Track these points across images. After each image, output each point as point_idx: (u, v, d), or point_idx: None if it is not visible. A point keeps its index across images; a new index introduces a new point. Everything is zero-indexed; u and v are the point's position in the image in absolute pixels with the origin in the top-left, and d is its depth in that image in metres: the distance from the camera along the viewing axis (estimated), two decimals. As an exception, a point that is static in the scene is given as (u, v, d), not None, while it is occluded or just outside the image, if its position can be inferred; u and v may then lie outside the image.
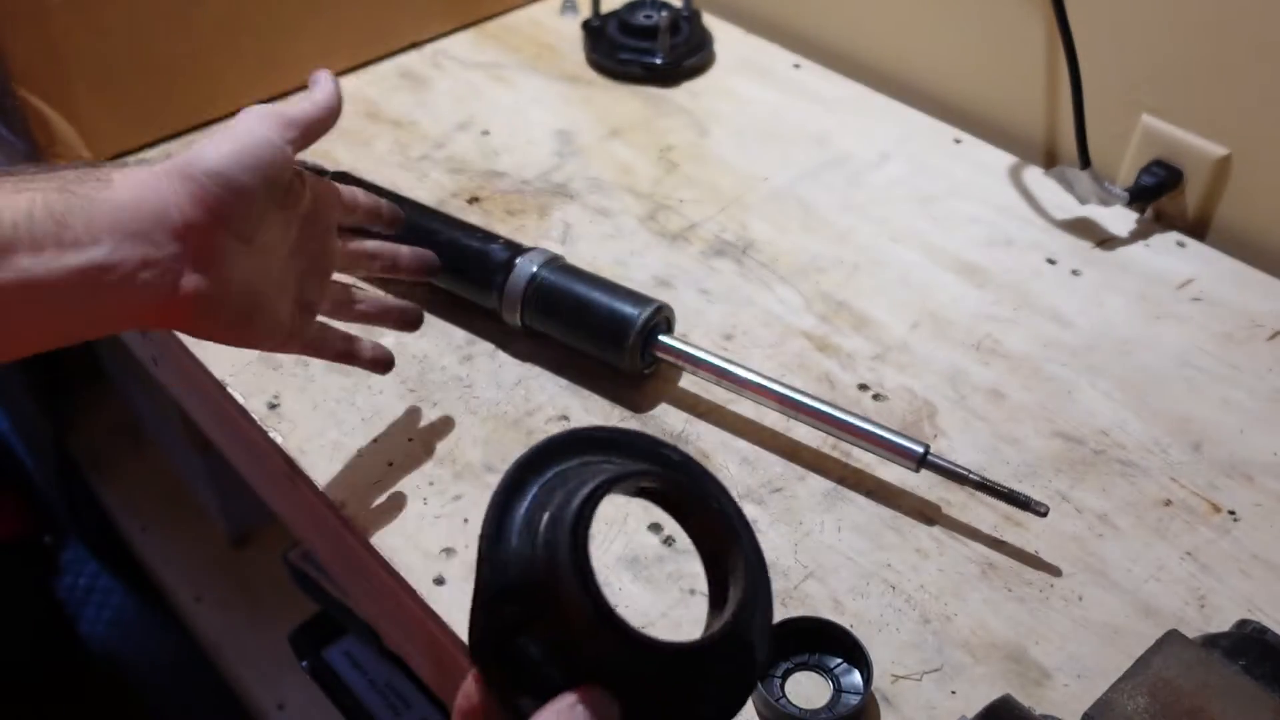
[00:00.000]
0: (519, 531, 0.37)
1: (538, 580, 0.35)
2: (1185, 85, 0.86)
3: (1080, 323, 0.80)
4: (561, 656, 0.36)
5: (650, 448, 0.41)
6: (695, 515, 0.39)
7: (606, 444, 0.40)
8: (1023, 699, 0.54)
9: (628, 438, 0.41)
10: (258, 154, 0.55)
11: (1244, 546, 0.65)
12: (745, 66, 1.07)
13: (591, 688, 0.35)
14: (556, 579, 0.35)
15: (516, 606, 0.36)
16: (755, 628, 0.39)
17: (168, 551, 1.43)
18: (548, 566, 0.35)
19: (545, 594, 0.35)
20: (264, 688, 1.26)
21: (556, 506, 0.36)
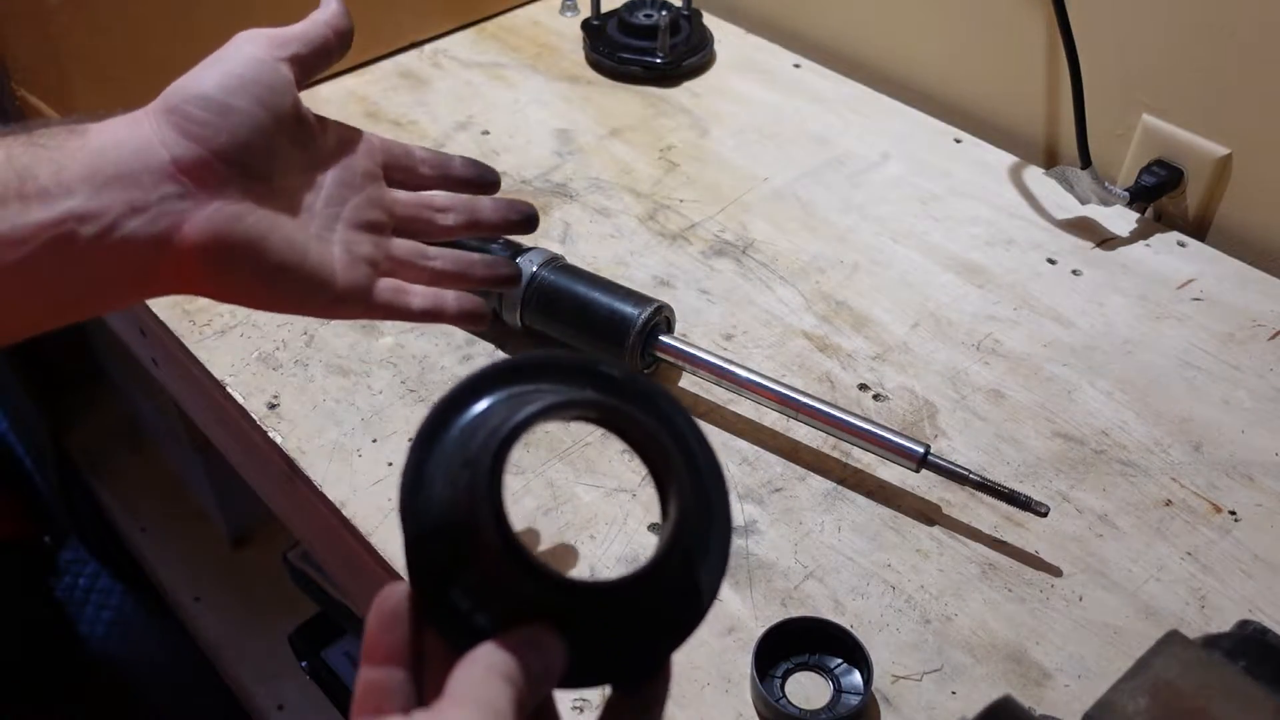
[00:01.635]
0: (441, 475, 0.35)
1: (460, 525, 0.34)
2: (1185, 85, 0.86)
3: (1081, 323, 0.80)
4: (491, 600, 0.34)
5: (585, 368, 0.37)
6: (632, 435, 0.37)
7: (537, 370, 0.37)
8: (1023, 699, 0.54)
9: (559, 361, 0.37)
10: (248, 74, 0.48)
11: (1245, 547, 0.65)
12: (745, 66, 1.07)
13: (523, 627, 0.34)
14: (476, 522, 0.33)
15: (442, 554, 0.34)
16: (709, 547, 0.37)
17: (167, 552, 1.42)
18: (468, 510, 0.33)
19: (468, 538, 0.34)
20: (263, 688, 1.26)
21: (478, 446, 0.34)
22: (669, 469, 0.36)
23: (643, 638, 0.36)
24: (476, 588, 0.34)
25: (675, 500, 0.35)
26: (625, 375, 0.38)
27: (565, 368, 0.37)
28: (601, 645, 0.35)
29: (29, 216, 0.42)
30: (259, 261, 0.48)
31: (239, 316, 0.79)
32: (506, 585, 0.34)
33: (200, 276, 0.47)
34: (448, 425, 0.36)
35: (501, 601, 0.34)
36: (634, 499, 0.67)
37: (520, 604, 0.34)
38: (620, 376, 0.38)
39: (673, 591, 0.36)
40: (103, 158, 0.44)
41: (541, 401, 0.34)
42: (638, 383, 0.38)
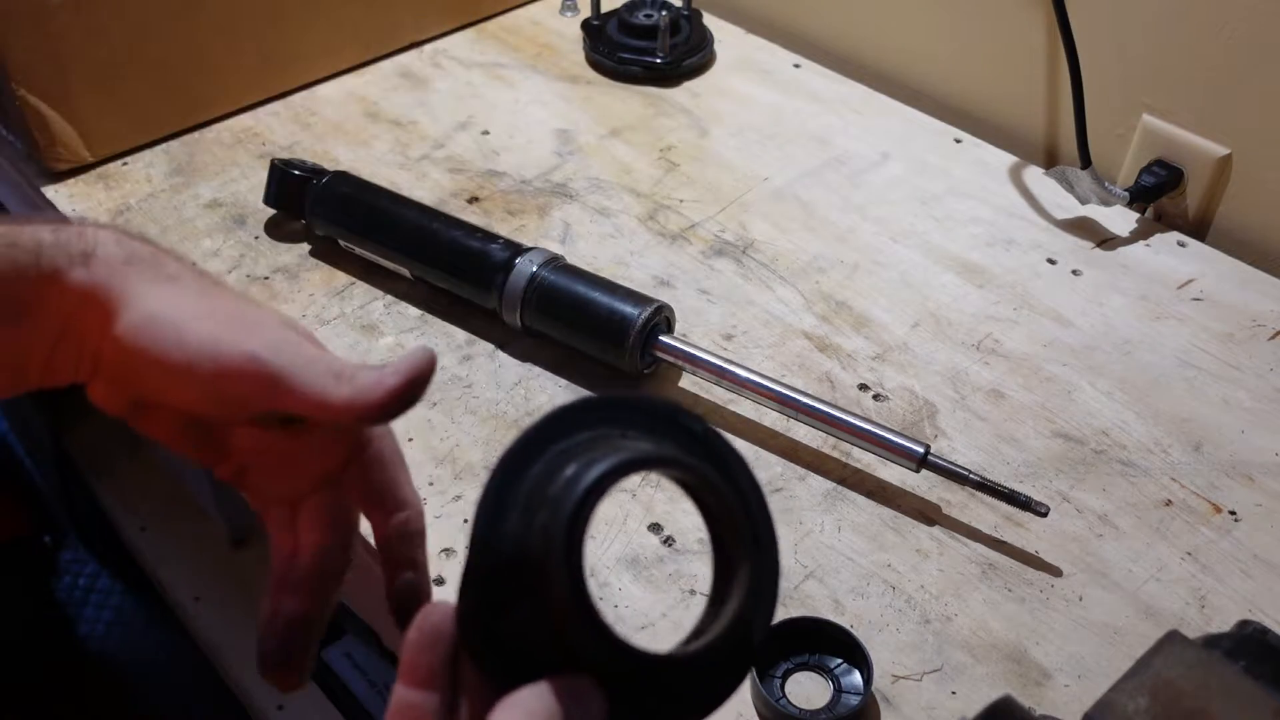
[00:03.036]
0: (519, 510, 0.34)
1: (530, 565, 0.34)
2: (1185, 85, 0.86)
3: (1081, 323, 0.80)
4: (542, 645, 0.34)
5: (670, 417, 0.37)
6: (710, 506, 0.37)
7: (623, 413, 0.37)
8: (1023, 699, 0.54)
9: (646, 406, 0.37)
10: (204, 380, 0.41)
11: (1245, 547, 0.65)
12: (745, 66, 1.07)
13: (569, 677, 0.33)
14: (547, 568, 0.33)
15: (505, 587, 0.34)
16: (757, 616, 0.37)
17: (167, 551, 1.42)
18: (541, 553, 0.33)
19: (534, 580, 0.34)
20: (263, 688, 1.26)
21: (559, 487, 0.34)
22: (740, 548, 0.36)
23: (681, 705, 0.36)
24: (529, 628, 0.34)
25: (743, 581, 0.35)
26: (705, 430, 0.38)
27: (650, 412, 0.37)
28: (640, 708, 0.35)
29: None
30: None
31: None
32: (563, 635, 0.34)
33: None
34: (531, 459, 0.35)
35: (554, 649, 0.34)
36: (634, 499, 0.67)
37: (572, 656, 0.34)
38: (700, 431, 0.37)
39: (722, 666, 0.36)
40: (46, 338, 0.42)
41: (627, 454, 0.34)
42: (715, 441, 0.38)
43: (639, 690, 0.35)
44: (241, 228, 0.87)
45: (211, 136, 0.96)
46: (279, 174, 0.84)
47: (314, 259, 0.84)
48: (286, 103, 1.00)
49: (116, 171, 0.91)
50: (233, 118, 0.97)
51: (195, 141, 0.95)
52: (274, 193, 0.84)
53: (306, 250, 0.85)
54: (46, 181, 0.90)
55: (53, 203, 0.89)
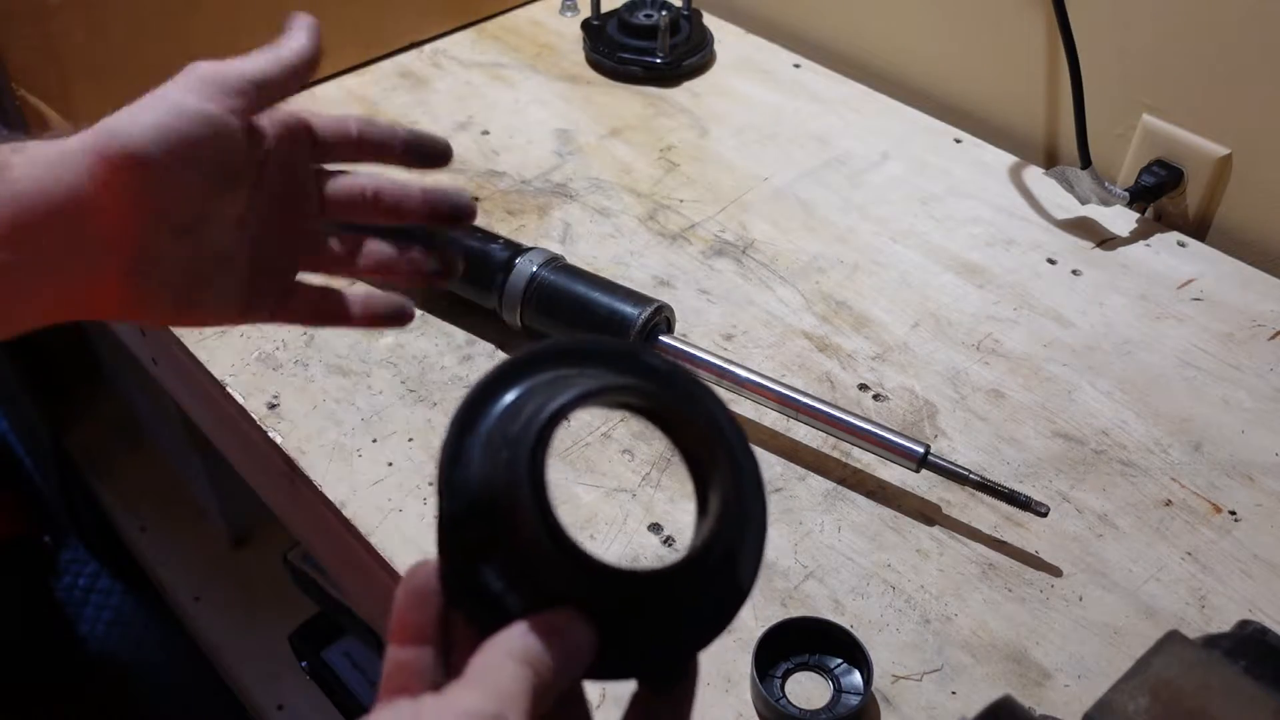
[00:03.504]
0: (480, 451, 0.34)
1: (497, 503, 0.33)
2: (1185, 85, 0.86)
3: (1081, 323, 0.80)
4: (525, 583, 0.34)
5: (631, 356, 0.37)
6: (675, 427, 0.36)
7: (583, 356, 0.36)
8: (1023, 699, 0.54)
9: (605, 347, 0.37)
10: (189, 133, 0.45)
11: (1245, 547, 0.65)
12: (745, 66, 1.07)
13: (559, 610, 0.33)
14: (514, 501, 0.32)
15: (477, 532, 0.34)
16: (745, 542, 0.36)
17: (167, 552, 1.42)
18: (507, 491, 0.33)
19: (504, 517, 0.33)
20: (263, 688, 1.26)
21: (519, 427, 0.33)
22: (714, 461, 0.35)
23: (675, 632, 0.35)
24: (509, 569, 0.34)
25: (718, 493, 0.34)
26: (668, 366, 0.37)
27: (609, 354, 0.37)
28: (633, 637, 0.34)
29: None
30: (173, 298, 0.47)
31: None
32: (541, 567, 0.33)
33: (110, 309, 0.47)
34: (491, 402, 0.35)
35: (534, 584, 0.33)
36: (634, 499, 0.67)
37: (553, 588, 0.33)
38: (663, 367, 0.37)
39: (710, 586, 0.35)
40: (28, 210, 0.42)
41: (586, 385, 0.33)
42: (680, 373, 0.37)
43: (630, 620, 0.34)
44: (241, 228, 0.86)
45: (211, 136, 0.96)
46: (279, 174, 0.83)
47: (314, 259, 0.84)
48: (286, 102, 1.00)
49: (116, 171, 0.91)
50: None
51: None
52: (274, 193, 0.84)
53: (306, 250, 0.85)
54: (46, 181, 0.90)
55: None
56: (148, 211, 0.45)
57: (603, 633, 0.33)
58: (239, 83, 0.47)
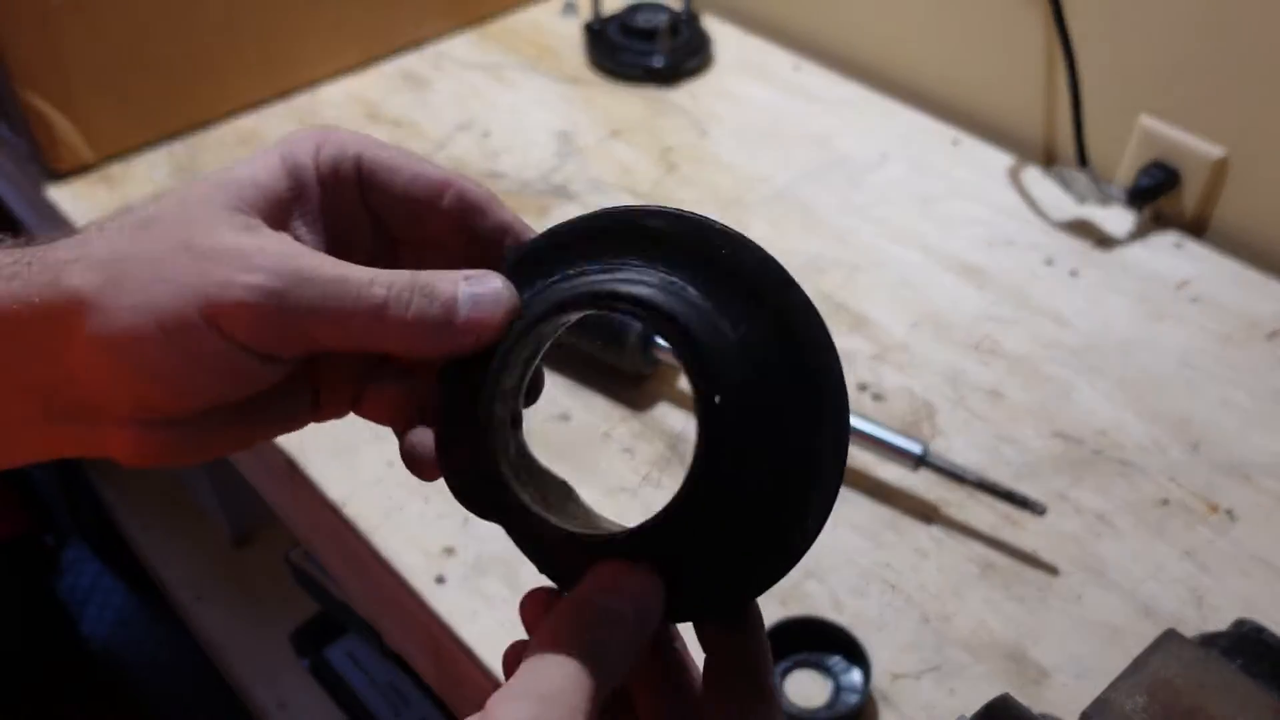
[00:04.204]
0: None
1: None
2: (1183, 86, 0.86)
3: (1079, 323, 0.80)
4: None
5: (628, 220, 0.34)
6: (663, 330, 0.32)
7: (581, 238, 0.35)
8: (1021, 698, 0.54)
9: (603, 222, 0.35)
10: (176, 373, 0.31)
11: (1242, 546, 0.65)
12: (745, 68, 1.07)
13: (600, 573, 0.30)
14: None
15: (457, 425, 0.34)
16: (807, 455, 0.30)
17: (169, 551, 1.43)
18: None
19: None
20: (265, 687, 1.26)
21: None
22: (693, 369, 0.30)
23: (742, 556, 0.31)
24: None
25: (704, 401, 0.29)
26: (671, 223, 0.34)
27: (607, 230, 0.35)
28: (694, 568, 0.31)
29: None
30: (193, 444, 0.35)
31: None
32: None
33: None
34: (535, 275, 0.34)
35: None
36: (634, 498, 0.67)
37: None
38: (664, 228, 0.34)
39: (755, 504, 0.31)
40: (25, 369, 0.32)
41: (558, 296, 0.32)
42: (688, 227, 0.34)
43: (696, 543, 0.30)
44: (243, 228, 0.87)
45: (214, 137, 0.96)
46: (281, 175, 0.84)
47: (315, 259, 0.84)
48: (288, 103, 1.00)
49: (119, 172, 0.92)
50: (235, 118, 0.98)
51: (197, 142, 0.95)
52: (276, 193, 0.84)
53: (308, 251, 0.85)
54: (49, 181, 0.90)
55: (55, 203, 0.89)
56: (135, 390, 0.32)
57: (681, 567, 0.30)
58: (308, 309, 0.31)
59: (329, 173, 0.35)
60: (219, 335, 0.30)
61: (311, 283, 0.31)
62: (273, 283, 0.30)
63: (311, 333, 0.31)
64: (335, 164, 0.35)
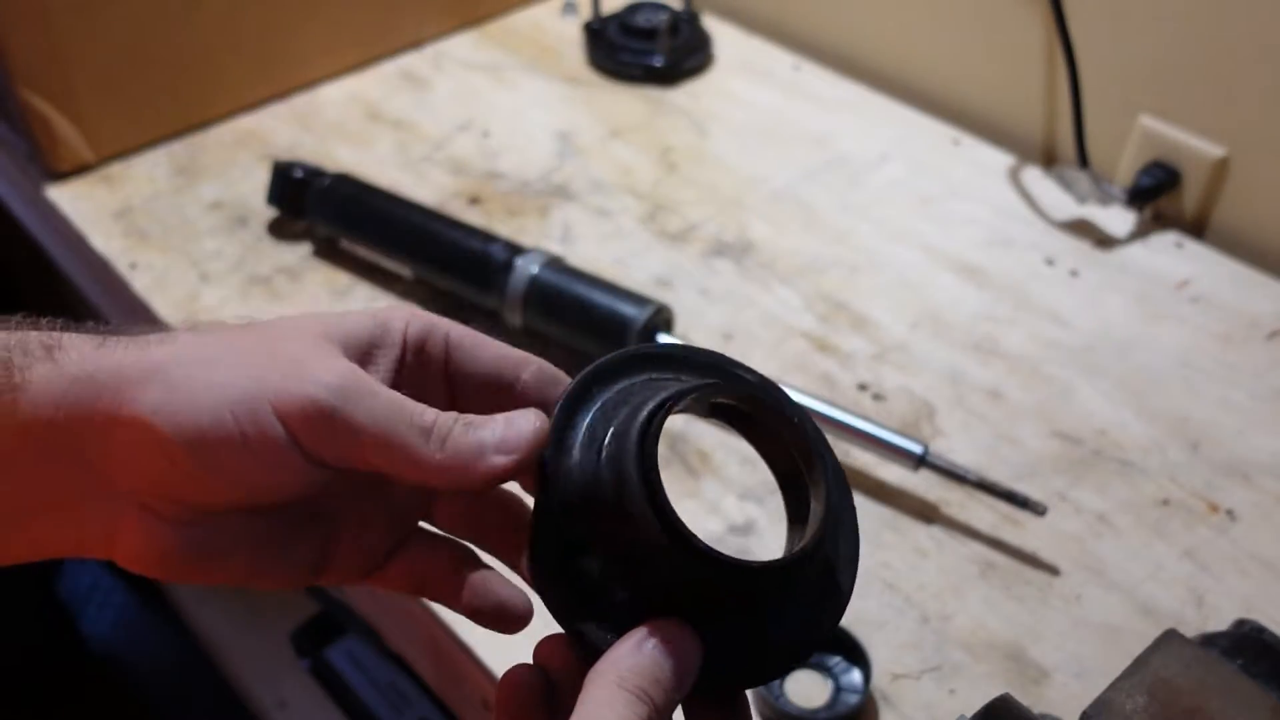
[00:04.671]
0: (582, 445, 0.34)
1: (603, 496, 0.33)
2: (1184, 86, 0.86)
3: (1079, 323, 0.80)
4: (629, 575, 0.32)
5: (722, 366, 0.37)
6: (769, 432, 0.36)
7: (677, 361, 0.37)
8: (1021, 698, 0.54)
9: (698, 355, 0.37)
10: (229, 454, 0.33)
11: (1242, 546, 0.65)
12: (745, 68, 1.07)
13: (666, 621, 0.31)
14: (623, 494, 0.32)
15: (580, 523, 0.33)
16: (840, 551, 0.36)
17: (169, 551, 1.42)
18: (614, 482, 0.32)
19: (611, 510, 0.32)
20: (265, 687, 1.26)
21: (622, 421, 0.33)
22: (811, 463, 0.35)
23: (781, 636, 0.34)
24: (611, 559, 0.33)
25: (822, 490, 0.34)
26: (757, 376, 0.37)
27: (699, 363, 0.37)
28: (740, 632, 0.33)
29: None
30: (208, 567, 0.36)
31: (241, 317, 0.79)
32: (649, 558, 0.32)
33: None
34: (590, 399, 0.35)
35: (641, 575, 0.32)
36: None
37: (663, 578, 0.32)
38: (752, 377, 0.37)
39: (814, 588, 0.35)
40: (24, 445, 0.33)
41: (689, 383, 0.34)
42: (768, 383, 0.37)
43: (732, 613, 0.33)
44: (244, 228, 0.87)
45: (214, 137, 0.96)
46: (281, 175, 0.84)
47: (316, 259, 0.84)
48: (288, 104, 1.00)
49: (119, 172, 0.92)
50: (235, 118, 0.98)
51: (197, 142, 0.95)
52: (276, 193, 0.85)
53: (308, 251, 0.85)
54: (49, 182, 0.90)
55: (55, 203, 0.89)
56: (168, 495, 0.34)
57: (710, 625, 0.32)
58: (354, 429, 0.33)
59: (416, 341, 0.37)
60: (281, 428, 0.32)
61: (373, 397, 0.33)
62: (336, 391, 0.33)
63: (362, 446, 0.33)
64: (424, 335, 0.37)
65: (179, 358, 0.33)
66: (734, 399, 0.35)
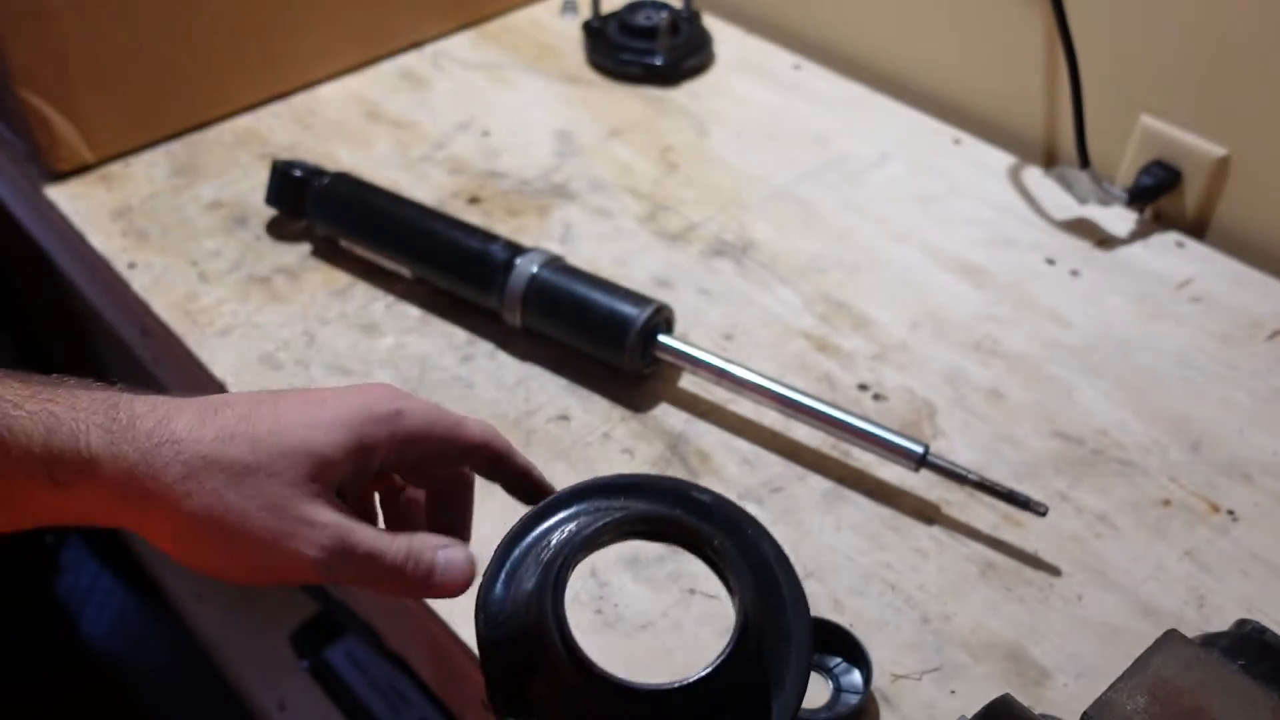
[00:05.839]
0: (510, 578, 0.36)
1: (528, 627, 0.35)
2: (1185, 85, 0.86)
3: (1079, 323, 0.80)
4: (563, 703, 0.35)
5: (677, 491, 0.38)
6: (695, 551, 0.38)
7: (628, 490, 0.38)
8: (1022, 699, 0.54)
9: (652, 483, 0.39)
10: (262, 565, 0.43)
11: (1243, 546, 0.65)
12: (745, 67, 1.07)
13: None
14: (541, 626, 0.34)
15: (516, 651, 0.35)
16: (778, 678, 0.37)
17: (168, 551, 1.42)
18: (535, 614, 0.35)
19: (535, 640, 0.35)
20: (265, 687, 1.26)
21: (552, 553, 0.36)
22: (728, 581, 0.36)
23: None
24: (553, 686, 0.35)
25: (739, 606, 0.35)
26: (715, 500, 0.39)
27: (657, 490, 0.39)
28: None
29: (45, 501, 0.42)
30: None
31: (240, 317, 0.79)
32: (574, 690, 0.34)
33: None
34: (529, 531, 0.38)
35: (571, 703, 0.35)
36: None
37: (592, 707, 0.34)
38: (710, 501, 0.39)
39: (740, 708, 0.36)
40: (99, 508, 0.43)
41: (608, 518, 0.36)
42: (727, 507, 0.39)
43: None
44: (243, 228, 0.87)
45: (213, 137, 0.96)
46: (280, 174, 0.84)
47: (315, 259, 0.84)
48: (288, 103, 1.00)
49: (118, 172, 0.92)
50: (234, 118, 0.98)
51: (197, 142, 0.95)
52: (275, 193, 0.85)
53: (308, 250, 0.85)
54: (48, 181, 0.90)
55: (54, 203, 0.89)
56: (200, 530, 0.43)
57: None
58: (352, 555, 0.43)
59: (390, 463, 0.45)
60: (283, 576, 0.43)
61: (354, 557, 0.42)
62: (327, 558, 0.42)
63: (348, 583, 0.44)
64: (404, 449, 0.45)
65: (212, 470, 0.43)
66: (645, 528, 0.37)
